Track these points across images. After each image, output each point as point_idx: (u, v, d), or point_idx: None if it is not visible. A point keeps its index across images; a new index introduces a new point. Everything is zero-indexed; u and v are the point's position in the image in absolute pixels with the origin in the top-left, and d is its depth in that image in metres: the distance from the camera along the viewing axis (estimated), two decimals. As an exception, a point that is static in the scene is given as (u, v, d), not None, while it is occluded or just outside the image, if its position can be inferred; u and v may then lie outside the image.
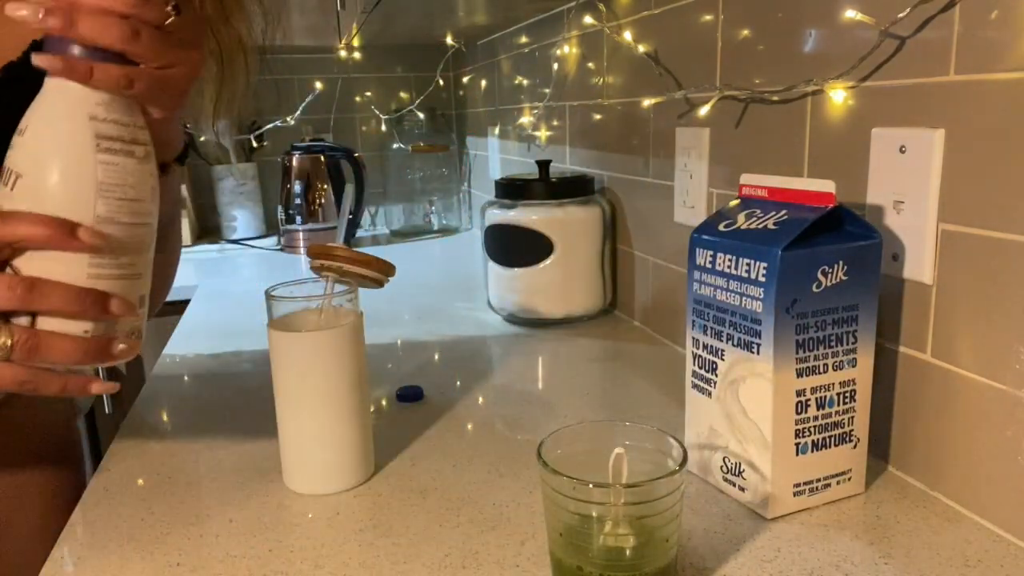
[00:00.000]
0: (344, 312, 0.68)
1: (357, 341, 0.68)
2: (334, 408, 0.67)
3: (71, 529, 0.64)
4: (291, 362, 0.66)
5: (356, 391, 0.68)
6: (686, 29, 0.96)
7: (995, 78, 0.57)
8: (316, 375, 0.66)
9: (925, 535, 0.59)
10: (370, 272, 0.70)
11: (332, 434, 0.67)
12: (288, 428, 0.68)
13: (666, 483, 0.49)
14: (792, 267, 0.58)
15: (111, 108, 0.49)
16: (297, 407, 0.67)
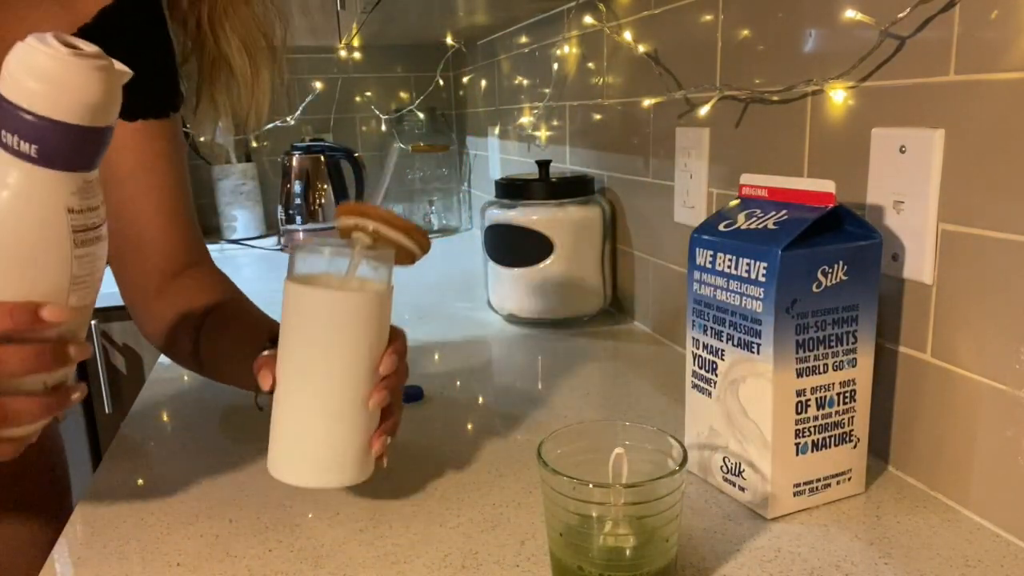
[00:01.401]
0: (372, 282, 0.59)
1: (382, 315, 0.58)
2: (344, 386, 0.57)
3: (71, 529, 0.64)
4: (304, 321, 0.56)
5: (371, 373, 0.58)
6: (686, 29, 0.96)
7: (995, 78, 0.57)
8: (331, 342, 0.56)
9: (925, 535, 0.59)
10: (407, 241, 0.59)
11: (337, 417, 0.57)
12: (287, 402, 0.58)
13: (666, 483, 0.49)
14: (792, 267, 0.58)
15: (84, 194, 0.46)
16: (302, 377, 0.57)
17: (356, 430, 0.58)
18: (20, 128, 0.41)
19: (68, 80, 0.42)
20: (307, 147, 1.92)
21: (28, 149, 0.42)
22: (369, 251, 0.58)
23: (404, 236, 0.59)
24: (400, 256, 0.60)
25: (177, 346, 0.75)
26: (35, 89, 0.42)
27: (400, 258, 0.60)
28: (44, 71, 0.42)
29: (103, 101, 0.44)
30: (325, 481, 0.59)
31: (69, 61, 0.42)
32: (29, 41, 0.42)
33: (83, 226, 0.45)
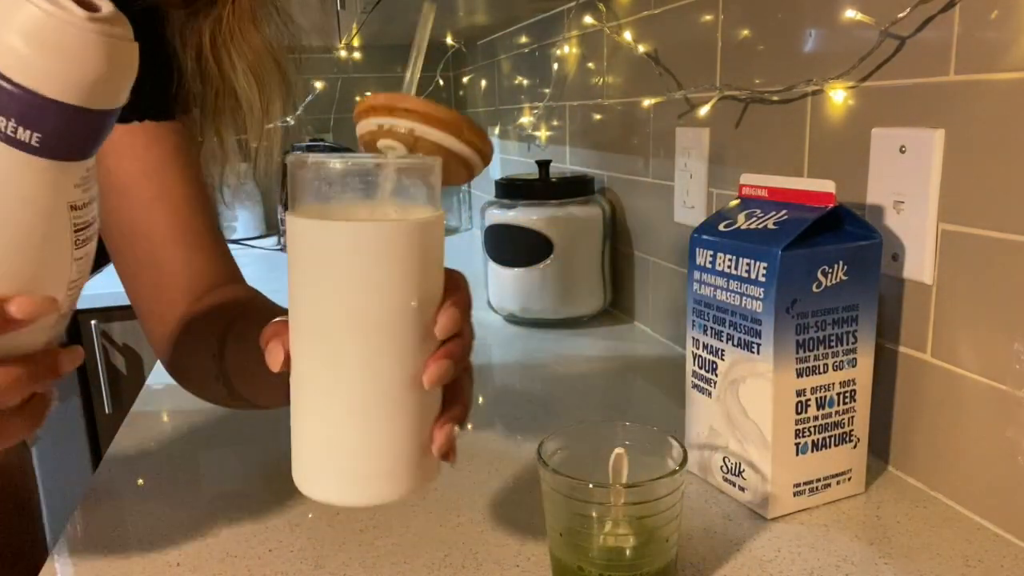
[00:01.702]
0: (414, 208, 0.40)
1: (431, 254, 0.40)
2: (386, 361, 0.39)
3: (71, 528, 0.64)
4: (320, 271, 0.39)
5: (422, 338, 0.40)
6: (686, 29, 0.96)
7: (995, 78, 0.57)
8: (360, 298, 0.38)
9: (925, 535, 0.59)
10: (460, 145, 0.42)
11: (379, 405, 0.40)
12: (308, 388, 0.41)
13: (666, 483, 0.49)
14: (792, 267, 0.58)
15: (86, 185, 0.37)
16: (325, 352, 0.40)
17: (408, 422, 0.41)
18: (18, 112, 0.32)
19: (86, 54, 0.33)
20: (307, 147, 1.92)
21: (28, 137, 0.33)
22: (406, 161, 0.41)
23: (455, 137, 0.42)
24: (450, 168, 0.43)
25: (202, 371, 0.61)
26: (42, 66, 0.32)
27: (450, 171, 0.43)
28: (56, 43, 0.32)
29: (126, 77, 0.35)
30: (370, 497, 0.43)
31: (89, 29, 0.33)
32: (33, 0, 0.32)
33: (83, 223, 0.38)
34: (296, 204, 0.40)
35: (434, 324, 0.40)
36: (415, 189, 0.41)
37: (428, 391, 0.41)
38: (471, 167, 0.43)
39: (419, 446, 0.41)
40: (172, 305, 0.64)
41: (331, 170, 0.40)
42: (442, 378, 0.41)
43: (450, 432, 0.43)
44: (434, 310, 0.40)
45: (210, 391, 0.63)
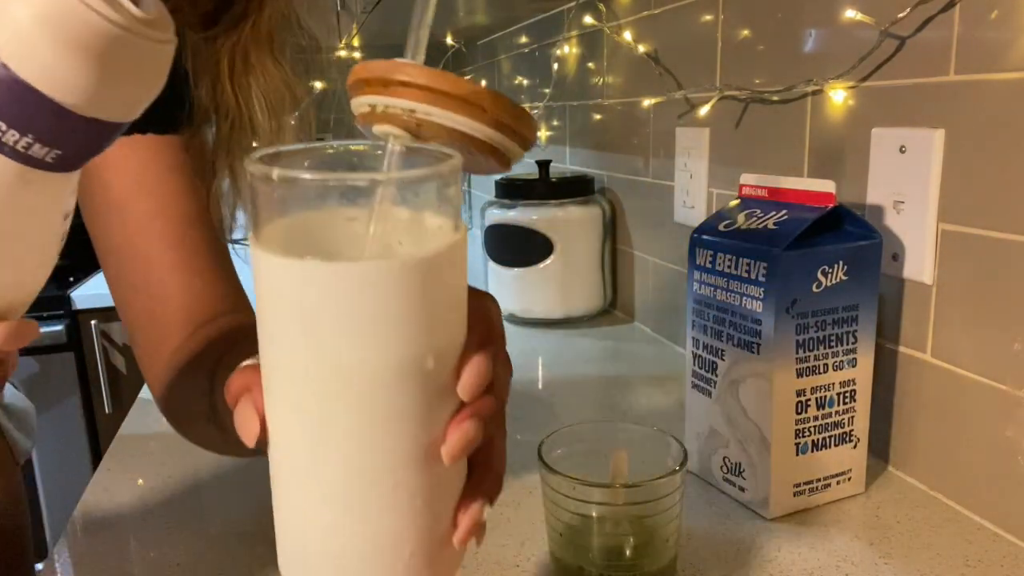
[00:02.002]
0: (428, 221, 0.31)
1: (450, 285, 0.30)
2: (392, 433, 0.30)
3: (71, 528, 0.64)
4: (297, 319, 0.29)
5: (440, 396, 0.31)
6: (686, 29, 0.96)
7: (995, 78, 0.57)
8: (357, 357, 0.29)
9: (925, 535, 0.59)
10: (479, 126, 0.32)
11: (381, 492, 0.30)
12: (290, 468, 0.33)
13: (666, 483, 0.49)
14: (792, 267, 0.58)
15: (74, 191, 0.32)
16: (309, 423, 0.30)
17: (421, 508, 0.31)
18: (38, 127, 0.26)
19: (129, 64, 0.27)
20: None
21: (43, 154, 0.27)
22: (410, 174, 0.31)
23: (471, 118, 0.31)
24: (475, 157, 0.33)
25: (194, 411, 0.55)
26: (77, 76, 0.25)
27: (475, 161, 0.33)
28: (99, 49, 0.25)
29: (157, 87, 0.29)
30: None
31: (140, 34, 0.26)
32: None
33: (67, 230, 0.33)
34: (260, 226, 0.30)
35: (455, 379, 0.31)
36: (426, 195, 0.31)
37: (449, 466, 0.31)
38: (502, 154, 0.33)
39: (436, 538, 0.32)
40: (167, 334, 0.57)
41: (308, 186, 0.29)
42: (467, 448, 0.31)
43: (478, 514, 0.33)
44: (454, 361, 0.31)
45: (203, 434, 0.56)
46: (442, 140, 0.31)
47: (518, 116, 0.32)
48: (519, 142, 0.33)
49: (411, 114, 0.31)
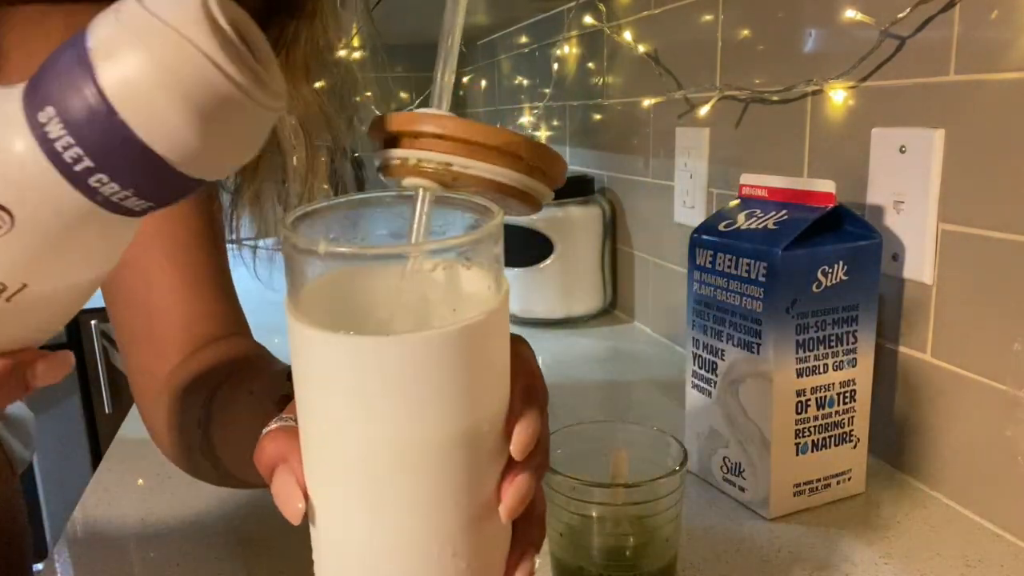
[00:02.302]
0: (477, 282, 0.30)
1: (499, 347, 0.30)
2: (447, 501, 0.29)
3: (71, 528, 0.64)
4: (341, 395, 0.28)
5: (491, 460, 0.30)
6: (686, 29, 0.96)
7: (995, 78, 0.57)
8: (409, 425, 0.28)
9: (925, 535, 0.59)
10: (517, 176, 0.32)
11: (438, 557, 0.30)
12: (338, 539, 0.31)
13: (666, 483, 0.49)
14: (792, 267, 0.58)
15: None
16: (359, 499, 0.29)
17: (478, 567, 0.31)
18: (140, 181, 0.24)
19: (245, 129, 0.26)
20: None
21: (134, 205, 0.25)
22: (456, 241, 0.30)
23: (511, 169, 0.31)
24: (509, 204, 0.33)
25: (186, 441, 0.53)
26: (191, 136, 0.24)
27: (510, 207, 0.33)
28: (219, 112, 0.24)
29: (253, 153, 0.27)
30: None
31: (260, 103, 0.25)
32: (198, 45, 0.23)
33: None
34: (298, 293, 0.29)
35: (505, 438, 0.30)
36: (476, 255, 0.30)
37: (500, 522, 0.31)
38: (534, 199, 0.33)
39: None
40: (162, 357, 0.55)
41: (347, 257, 0.28)
42: (523, 504, 0.31)
43: (530, 567, 0.33)
44: (503, 419, 0.30)
45: (195, 465, 0.54)
46: (475, 189, 0.31)
47: (552, 161, 0.33)
48: (550, 184, 0.33)
49: (447, 167, 0.31)
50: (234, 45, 0.24)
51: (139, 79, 0.23)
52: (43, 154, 0.23)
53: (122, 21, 0.23)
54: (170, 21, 0.23)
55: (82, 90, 0.23)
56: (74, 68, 0.23)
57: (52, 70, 0.24)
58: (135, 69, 0.23)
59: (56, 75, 0.23)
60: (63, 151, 0.23)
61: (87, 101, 0.23)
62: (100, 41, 0.23)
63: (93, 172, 0.24)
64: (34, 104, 0.24)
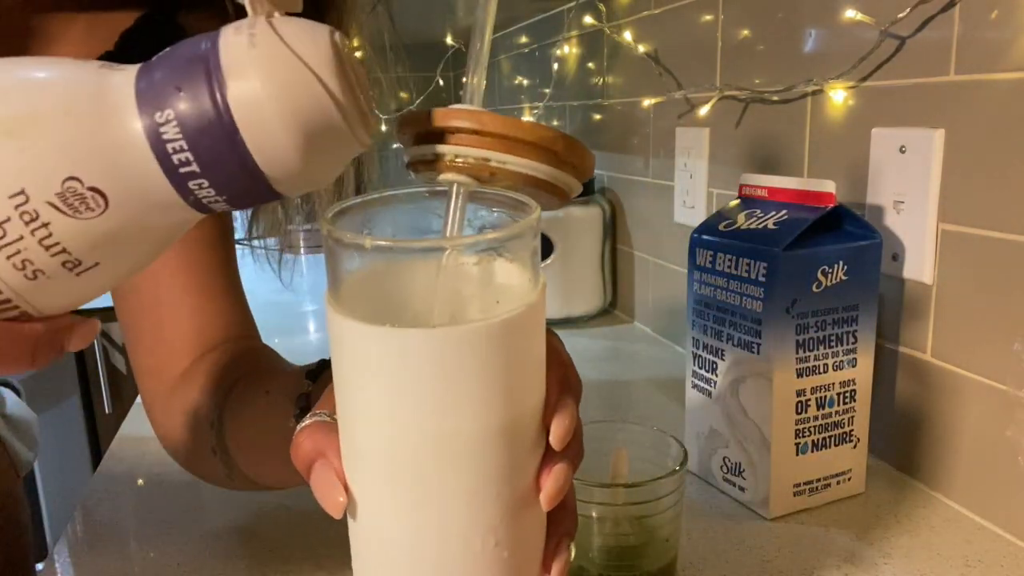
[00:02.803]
0: (516, 276, 0.30)
1: (537, 338, 0.31)
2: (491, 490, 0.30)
3: (71, 528, 0.64)
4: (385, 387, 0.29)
5: (530, 451, 0.31)
6: (686, 29, 0.96)
7: (995, 78, 0.57)
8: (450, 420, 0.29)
9: (925, 535, 0.59)
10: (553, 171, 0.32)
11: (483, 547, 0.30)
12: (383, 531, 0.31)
13: (666, 483, 0.49)
14: (792, 267, 0.58)
15: None
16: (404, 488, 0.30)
17: (520, 556, 0.32)
18: (235, 191, 0.26)
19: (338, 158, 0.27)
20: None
21: (217, 207, 0.27)
22: (497, 236, 0.30)
23: (547, 165, 0.32)
24: (540, 199, 0.33)
25: (198, 442, 0.53)
26: (294, 159, 0.25)
27: (540, 202, 0.31)
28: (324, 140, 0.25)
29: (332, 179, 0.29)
30: None
31: (358, 137, 0.26)
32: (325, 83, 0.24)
33: None
34: (338, 287, 0.29)
35: (543, 429, 0.31)
36: (508, 250, 0.30)
37: (538, 511, 0.32)
38: (565, 192, 0.33)
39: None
40: (172, 359, 0.55)
41: (392, 251, 0.29)
42: (563, 492, 0.32)
43: (566, 555, 0.34)
44: (540, 410, 0.31)
45: (206, 467, 0.54)
46: (509, 184, 0.32)
47: (583, 155, 0.33)
48: (580, 178, 0.34)
49: (484, 162, 0.31)
50: (353, 87, 0.26)
51: (264, 104, 0.24)
52: (152, 152, 0.24)
53: (256, 46, 0.24)
54: (303, 56, 0.24)
55: (207, 104, 0.24)
56: (201, 80, 0.24)
57: (176, 72, 0.24)
58: (263, 95, 0.24)
59: (180, 79, 0.24)
60: (173, 153, 0.24)
61: (210, 116, 0.24)
62: (232, 61, 0.24)
63: (196, 177, 0.25)
64: (152, 102, 0.24)
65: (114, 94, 0.25)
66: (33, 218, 0.24)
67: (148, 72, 0.25)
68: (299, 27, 0.25)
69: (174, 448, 0.57)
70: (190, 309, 0.55)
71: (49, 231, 0.25)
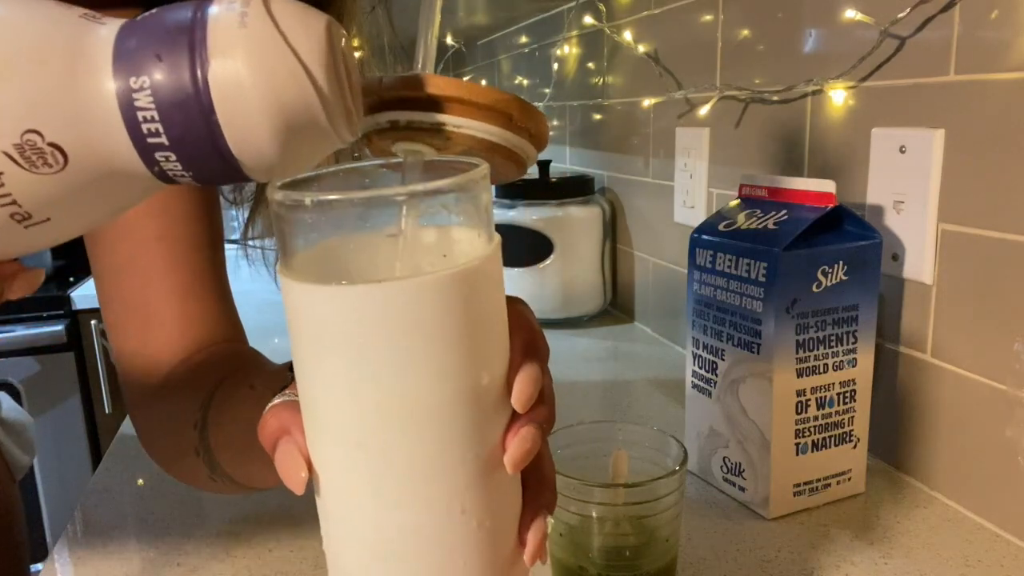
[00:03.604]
0: (455, 236, 0.30)
1: (494, 294, 0.30)
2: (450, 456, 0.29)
3: (71, 528, 0.64)
4: (340, 350, 0.28)
5: (492, 411, 0.30)
6: (686, 29, 0.96)
7: (995, 78, 0.57)
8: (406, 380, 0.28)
9: (925, 535, 0.59)
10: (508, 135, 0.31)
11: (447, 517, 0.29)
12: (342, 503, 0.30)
13: (666, 483, 0.49)
14: (792, 267, 0.58)
15: None
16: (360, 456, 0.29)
17: (489, 526, 0.30)
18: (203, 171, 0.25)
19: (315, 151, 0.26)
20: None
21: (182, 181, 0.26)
22: (442, 183, 0.28)
23: (502, 128, 0.31)
24: (497, 166, 0.32)
25: (180, 444, 0.52)
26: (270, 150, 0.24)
27: (497, 170, 0.32)
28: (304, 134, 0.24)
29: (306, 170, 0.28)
30: None
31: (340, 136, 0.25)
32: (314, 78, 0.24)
33: None
34: (289, 256, 0.29)
35: (506, 391, 0.30)
36: (460, 205, 0.29)
37: (508, 479, 0.31)
38: (522, 160, 0.32)
39: (503, 562, 0.31)
40: (157, 360, 0.54)
41: (338, 208, 0.28)
42: (528, 456, 0.31)
43: (543, 527, 0.32)
44: (503, 371, 0.30)
45: (188, 469, 0.52)
46: (464, 151, 0.31)
47: (538, 120, 0.32)
48: (536, 145, 0.33)
49: (439, 127, 0.30)
50: (342, 82, 0.24)
51: (246, 89, 0.23)
52: (121, 117, 0.23)
53: (247, 26, 0.23)
54: (295, 44, 0.23)
55: (186, 78, 0.23)
56: (183, 52, 0.23)
57: (159, 38, 0.23)
58: (246, 79, 0.23)
59: (161, 47, 0.23)
60: (144, 123, 0.23)
61: (187, 91, 0.23)
62: (219, 38, 0.23)
63: (164, 149, 0.24)
64: (129, 65, 0.23)
65: (91, 49, 0.23)
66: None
67: (130, 32, 0.24)
68: (295, 12, 0.24)
69: (158, 451, 0.56)
70: (175, 312, 0.54)
71: (1, 181, 0.23)
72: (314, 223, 0.28)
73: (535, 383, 0.31)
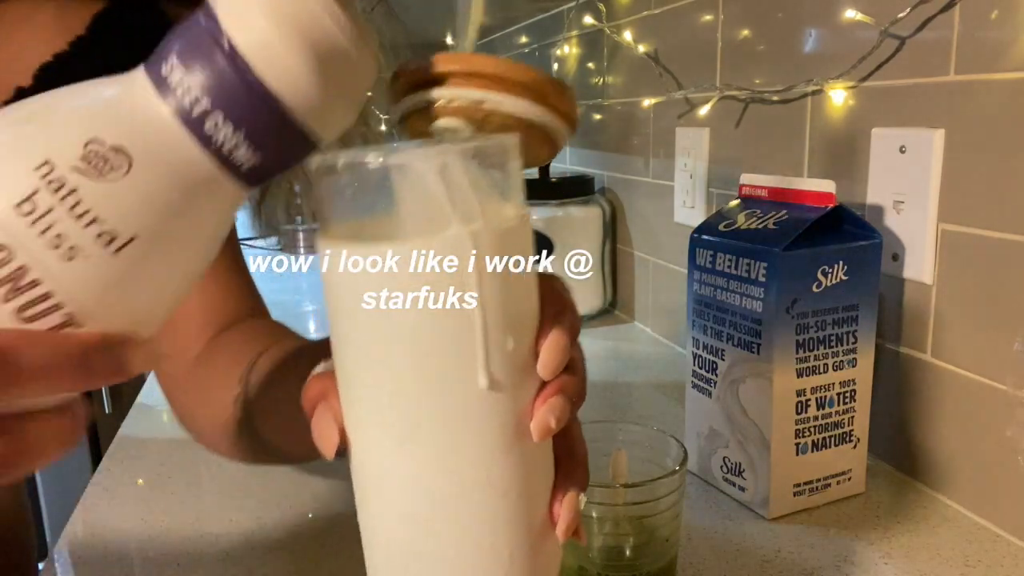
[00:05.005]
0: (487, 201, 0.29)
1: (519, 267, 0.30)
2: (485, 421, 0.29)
3: (71, 528, 0.64)
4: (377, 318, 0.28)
5: (523, 379, 0.30)
6: (686, 29, 0.96)
7: (995, 78, 0.57)
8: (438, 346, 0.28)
9: (925, 535, 0.59)
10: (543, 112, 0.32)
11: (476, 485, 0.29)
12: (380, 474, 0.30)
13: (666, 483, 0.49)
14: (792, 267, 0.58)
15: None
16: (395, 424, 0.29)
17: (515, 504, 0.30)
18: (253, 125, 0.25)
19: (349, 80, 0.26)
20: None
21: (243, 158, 0.26)
22: (478, 145, 0.29)
23: (539, 105, 0.31)
24: (530, 146, 0.32)
25: (222, 419, 0.53)
26: (307, 80, 0.25)
27: (530, 150, 0.32)
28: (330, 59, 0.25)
29: (357, 109, 0.28)
30: None
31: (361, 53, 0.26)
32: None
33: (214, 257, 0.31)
34: (325, 222, 0.30)
35: (533, 360, 0.30)
36: (490, 174, 0.29)
37: (538, 450, 0.30)
38: (556, 141, 0.33)
39: (534, 535, 0.31)
40: (186, 342, 0.56)
41: (370, 171, 0.28)
42: (558, 422, 0.30)
43: (575, 503, 0.32)
44: (531, 339, 0.30)
45: (231, 443, 0.54)
46: (500, 130, 0.31)
47: (571, 102, 0.33)
48: (571, 127, 0.33)
49: (479, 105, 0.30)
50: (349, 8, 0.25)
51: (261, 23, 0.24)
52: (160, 98, 0.25)
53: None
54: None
55: (205, 38, 0.24)
56: (197, 17, 0.25)
57: (174, 35, 0.25)
58: (257, 14, 0.24)
59: (179, 34, 0.25)
60: (182, 95, 0.25)
61: (205, 42, 0.24)
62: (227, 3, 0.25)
63: (210, 115, 0.25)
64: (156, 60, 0.25)
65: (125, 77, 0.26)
66: (61, 185, 0.24)
67: (153, 56, 0.26)
68: None
69: (198, 428, 0.58)
70: (198, 289, 0.54)
71: (78, 197, 0.24)
72: (347, 187, 0.29)
73: (563, 351, 0.30)
